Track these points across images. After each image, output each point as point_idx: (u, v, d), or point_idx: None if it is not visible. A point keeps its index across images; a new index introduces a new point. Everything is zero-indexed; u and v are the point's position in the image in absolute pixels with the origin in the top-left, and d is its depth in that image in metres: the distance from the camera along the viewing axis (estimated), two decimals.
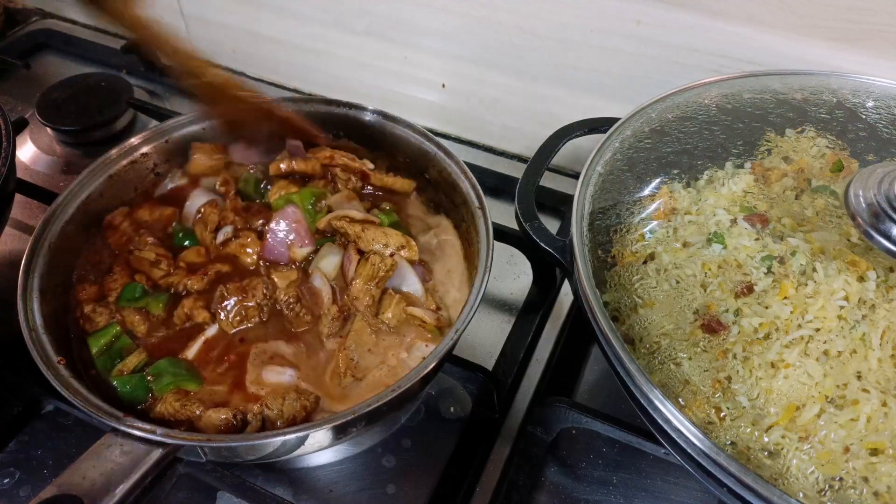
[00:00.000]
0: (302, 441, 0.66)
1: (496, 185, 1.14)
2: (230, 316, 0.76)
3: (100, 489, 0.59)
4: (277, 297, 0.78)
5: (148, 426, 0.63)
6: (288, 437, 0.63)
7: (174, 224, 0.88)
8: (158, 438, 0.62)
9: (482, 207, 0.82)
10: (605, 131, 0.83)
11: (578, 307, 0.71)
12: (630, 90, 1.07)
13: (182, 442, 0.63)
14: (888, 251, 0.60)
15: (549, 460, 0.82)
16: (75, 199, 0.84)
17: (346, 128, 0.97)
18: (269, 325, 0.77)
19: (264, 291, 0.77)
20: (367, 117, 0.95)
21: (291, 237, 0.81)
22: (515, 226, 0.82)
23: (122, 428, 0.63)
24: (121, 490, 0.59)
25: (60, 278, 0.79)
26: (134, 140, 0.91)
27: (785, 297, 0.66)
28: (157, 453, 0.62)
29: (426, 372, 0.67)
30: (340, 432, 0.68)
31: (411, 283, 0.80)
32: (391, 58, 1.24)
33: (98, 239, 0.86)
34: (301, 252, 0.81)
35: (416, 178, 0.94)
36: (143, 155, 0.91)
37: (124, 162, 0.90)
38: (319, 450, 0.76)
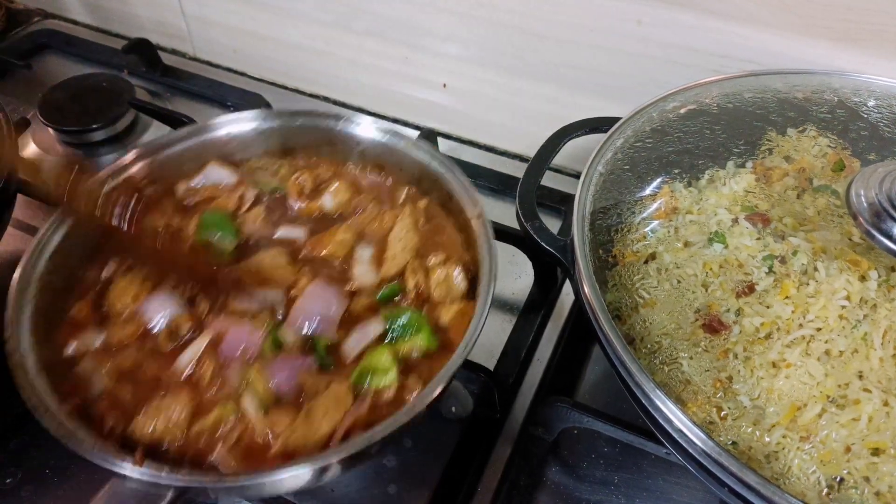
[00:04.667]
0: (319, 472, 0.63)
1: (497, 185, 1.14)
2: None
3: None
4: None
5: (153, 472, 0.60)
6: (301, 470, 0.60)
7: None
8: (167, 482, 0.59)
9: (480, 217, 0.78)
10: (605, 131, 0.83)
11: (579, 307, 0.71)
12: (630, 90, 1.07)
13: (187, 485, 0.60)
14: (890, 250, 0.60)
15: (550, 460, 0.82)
16: (57, 232, 0.78)
17: (332, 140, 0.93)
18: None
19: None
20: (353, 128, 0.91)
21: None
22: (516, 225, 0.82)
23: (128, 475, 0.59)
24: None
25: (52, 308, 0.75)
26: (123, 160, 0.87)
27: (786, 297, 0.66)
28: (166, 498, 0.60)
29: (439, 392, 0.66)
30: (359, 459, 0.66)
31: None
32: (391, 58, 1.24)
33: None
34: None
35: (411, 187, 0.91)
36: (128, 178, 0.87)
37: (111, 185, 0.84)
38: (337, 477, 0.74)
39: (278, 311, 0.77)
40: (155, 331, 0.75)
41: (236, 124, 0.93)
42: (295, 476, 0.61)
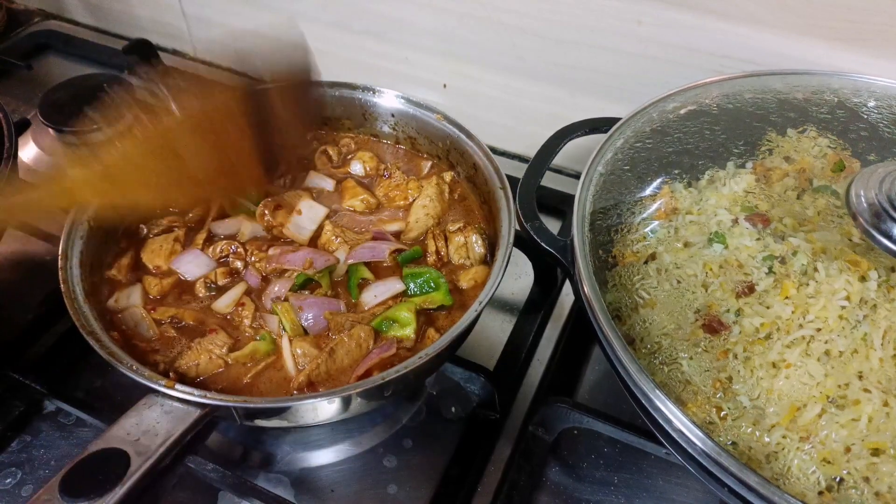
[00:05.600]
0: (332, 405, 0.70)
1: None
2: None
3: (144, 445, 0.62)
4: None
5: (187, 388, 0.66)
6: (318, 400, 0.67)
7: None
8: (197, 399, 0.65)
9: (504, 187, 0.84)
10: (606, 131, 0.83)
11: (579, 307, 0.71)
12: (630, 90, 1.07)
13: (218, 402, 0.66)
14: (889, 251, 0.60)
15: (550, 460, 0.82)
16: None
17: (366, 113, 1.00)
18: None
19: None
20: (388, 102, 0.98)
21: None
22: (516, 226, 0.82)
23: (164, 390, 0.65)
24: (164, 447, 0.62)
25: (100, 249, 0.83)
26: None
27: (786, 297, 0.66)
28: (195, 413, 0.65)
29: (454, 338, 0.71)
30: (370, 397, 0.72)
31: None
32: (391, 58, 1.24)
33: None
34: None
35: (439, 160, 0.99)
36: None
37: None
38: (348, 416, 0.78)
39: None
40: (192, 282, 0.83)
41: None
42: (314, 404, 0.68)
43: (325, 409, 0.71)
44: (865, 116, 0.82)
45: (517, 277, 1.02)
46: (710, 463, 0.56)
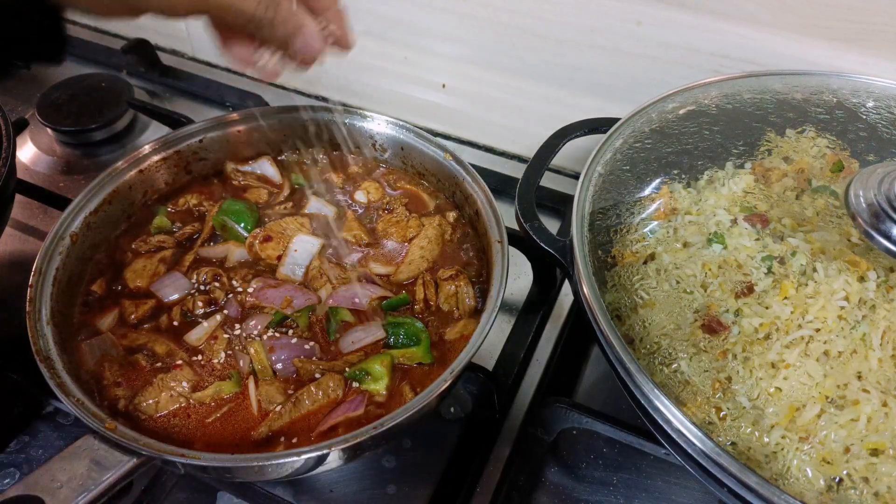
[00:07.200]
0: (285, 467, 0.65)
1: (496, 186, 1.14)
2: None
3: (65, 494, 0.59)
4: None
5: (129, 433, 0.62)
6: (270, 462, 0.62)
7: None
8: (133, 447, 0.61)
9: (502, 241, 0.80)
10: (605, 131, 0.83)
11: (578, 307, 0.71)
12: (630, 90, 1.07)
13: (154, 454, 0.61)
14: (888, 251, 0.60)
15: (549, 461, 0.82)
16: (82, 213, 0.83)
17: (375, 143, 0.98)
18: None
19: None
20: (398, 134, 0.96)
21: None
22: (516, 226, 0.82)
23: (101, 432, 0.62)
24: (83, 498, 0.59)
25: (81, 264, 0.82)
26: (144, 149, 0.91)
27: (785, 298, 0.66)
28: (129, 463, 0.61)
29: (447, 386, 0.67)
30: (354, 453, 0.68)
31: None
32: (391, 58, 1.24)
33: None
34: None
35: (445, 198, 0.95)
36: (148, 167, 0.92)
37: (132, 172, 0.90)
38: (316, 472, 0.75)
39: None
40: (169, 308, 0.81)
41: (288, 115, 0.98)
42: (264, 465, 0.63)
43: (277, 469, 0.66)
44: (864, 117, 0.82)
45: (516, 277, 1.02)
46: (710, 463, 0.56)
